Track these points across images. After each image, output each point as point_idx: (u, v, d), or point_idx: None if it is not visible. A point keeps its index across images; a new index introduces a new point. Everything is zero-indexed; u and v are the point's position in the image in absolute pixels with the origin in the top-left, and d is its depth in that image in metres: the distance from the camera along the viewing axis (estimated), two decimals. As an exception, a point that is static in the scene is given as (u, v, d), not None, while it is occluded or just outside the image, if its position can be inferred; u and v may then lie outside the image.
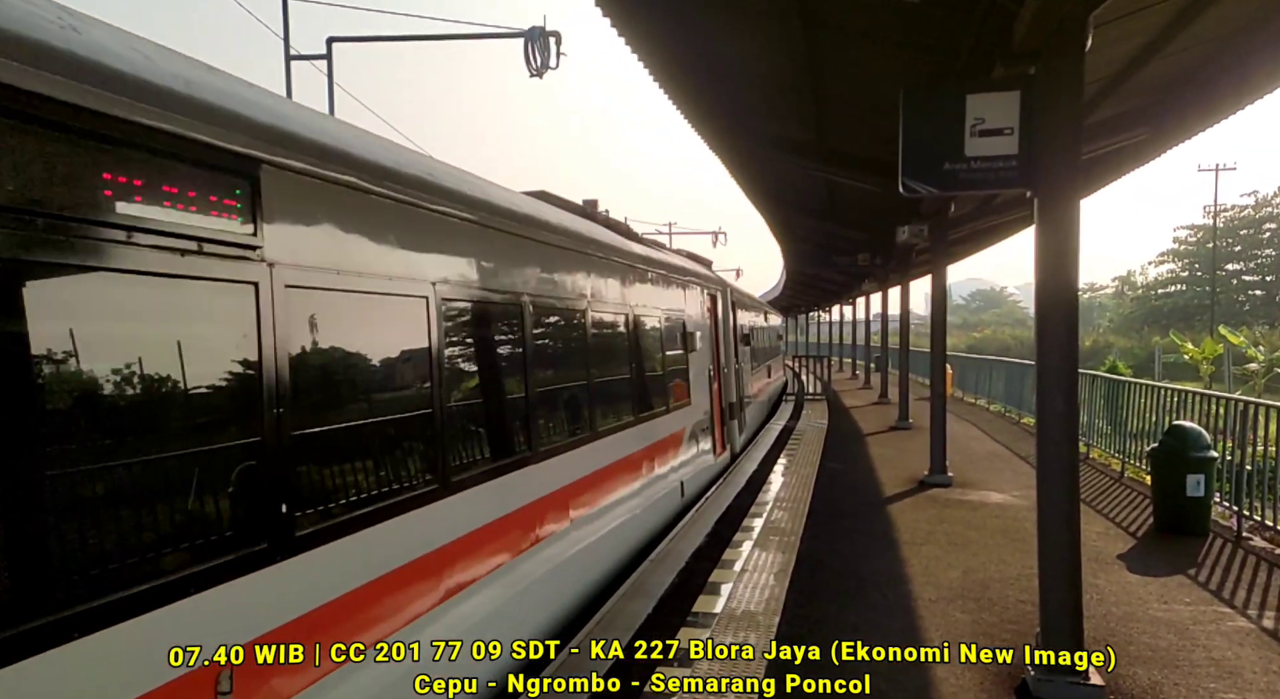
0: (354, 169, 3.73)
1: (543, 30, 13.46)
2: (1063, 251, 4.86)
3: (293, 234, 3.34)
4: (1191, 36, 7.16)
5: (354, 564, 3.60)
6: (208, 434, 2.95)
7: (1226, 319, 48.64)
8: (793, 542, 8.19)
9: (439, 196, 4.53)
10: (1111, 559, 7.64)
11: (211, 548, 2.87)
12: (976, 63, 6.97)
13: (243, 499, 3.04)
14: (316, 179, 3.48)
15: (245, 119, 3.09)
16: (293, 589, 3.23)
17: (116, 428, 2.61)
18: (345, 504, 3.61)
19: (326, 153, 3.58)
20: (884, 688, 4.90)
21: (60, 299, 2.47)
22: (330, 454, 3.58)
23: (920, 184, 5.14)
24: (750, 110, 11.25)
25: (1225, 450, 8.90)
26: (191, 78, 2.96)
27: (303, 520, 3.29)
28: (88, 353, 2.50)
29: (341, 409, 3.72)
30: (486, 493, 4.85)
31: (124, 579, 2.53)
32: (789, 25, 7.41)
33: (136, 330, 2.73)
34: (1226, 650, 5.50)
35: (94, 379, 2.52)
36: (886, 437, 16.72)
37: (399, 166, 4.21)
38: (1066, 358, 4.93)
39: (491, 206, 5.26)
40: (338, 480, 3.63)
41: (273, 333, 3.16)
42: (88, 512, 2.50)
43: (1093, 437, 13.38)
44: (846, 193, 15.09)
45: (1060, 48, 4.72)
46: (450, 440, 4.51)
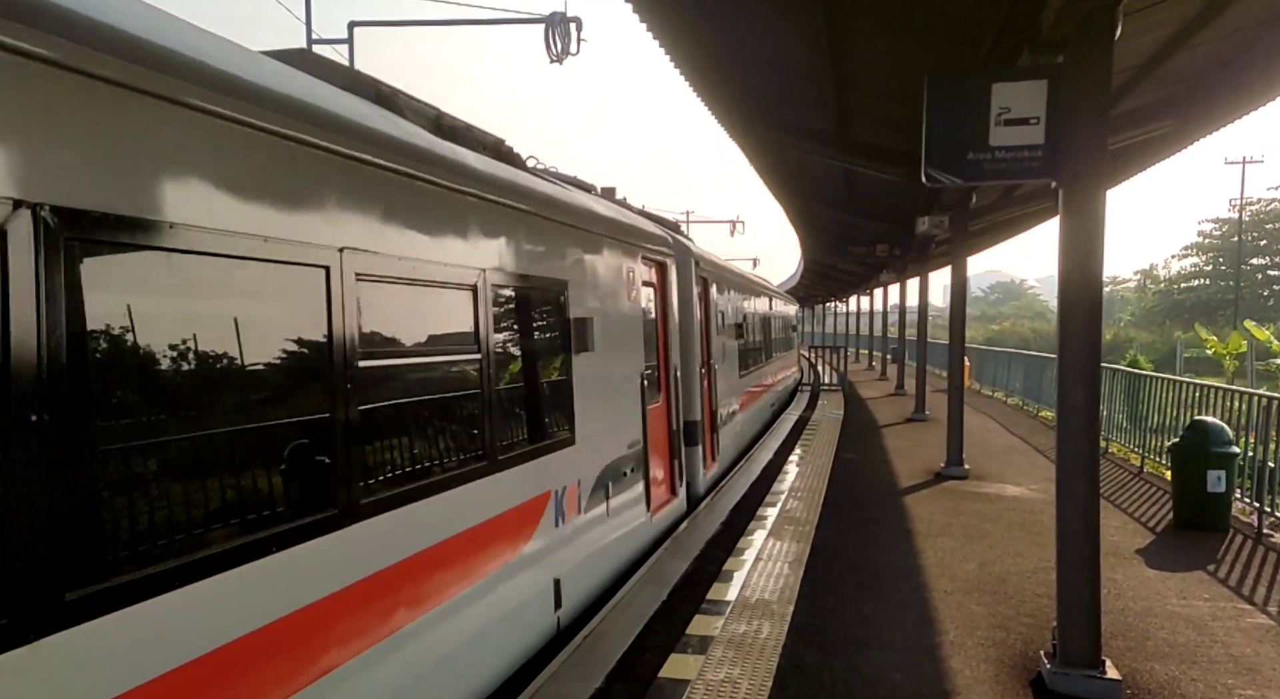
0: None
1: (563, 16, 13.42)
2: (1088, 243, 4.81)
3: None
4: (1221, 27, 7.04)
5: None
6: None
7: (1250, 314, 48.05)
8: (807, 531, 8.19)
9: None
10: (1130, 554, 7.59)
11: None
12: (1002, 51, 6.89)
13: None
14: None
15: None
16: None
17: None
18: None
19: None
20: (898, 679, 4.91)
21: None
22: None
23: (943, 174, 5.09)
24: (771, 98, 11.17)
25: (1247, 446, 8.82)
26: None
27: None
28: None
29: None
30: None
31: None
32: (811, 12, 7.35)
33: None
34: (1246, 647, 5.46)
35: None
36: (902, 428, 16.66)
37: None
38: (1088, 351, 4.89)
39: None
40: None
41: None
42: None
43: (1112, 431, 13.28)
44: (866, 182, 14.98)
45: (1089, 36, 4.66)
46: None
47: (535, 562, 5.27)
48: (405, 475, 3.92)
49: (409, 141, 4.11)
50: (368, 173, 3.69)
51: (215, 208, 2.84)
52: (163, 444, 2.66)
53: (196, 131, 2.77)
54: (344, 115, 3.62)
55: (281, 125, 3.14)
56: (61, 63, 2.30)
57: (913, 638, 5.55)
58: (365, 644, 3.54)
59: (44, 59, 2.25)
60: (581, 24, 13.49)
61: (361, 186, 3.66)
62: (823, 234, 25.57)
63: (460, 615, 4.31)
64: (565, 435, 5.87)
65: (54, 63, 2.28)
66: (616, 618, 5.76)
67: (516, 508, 5.06)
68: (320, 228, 3.37)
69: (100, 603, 2.38)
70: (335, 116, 3.54)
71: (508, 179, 5.21)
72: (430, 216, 4.26)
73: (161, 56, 2.65)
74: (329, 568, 3.36)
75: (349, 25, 14.63)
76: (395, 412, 3.91)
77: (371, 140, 3.74)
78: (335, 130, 3.48)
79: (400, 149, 3.97)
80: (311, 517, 3.25)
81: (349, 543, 3.46)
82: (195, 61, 2.80)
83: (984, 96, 4.94)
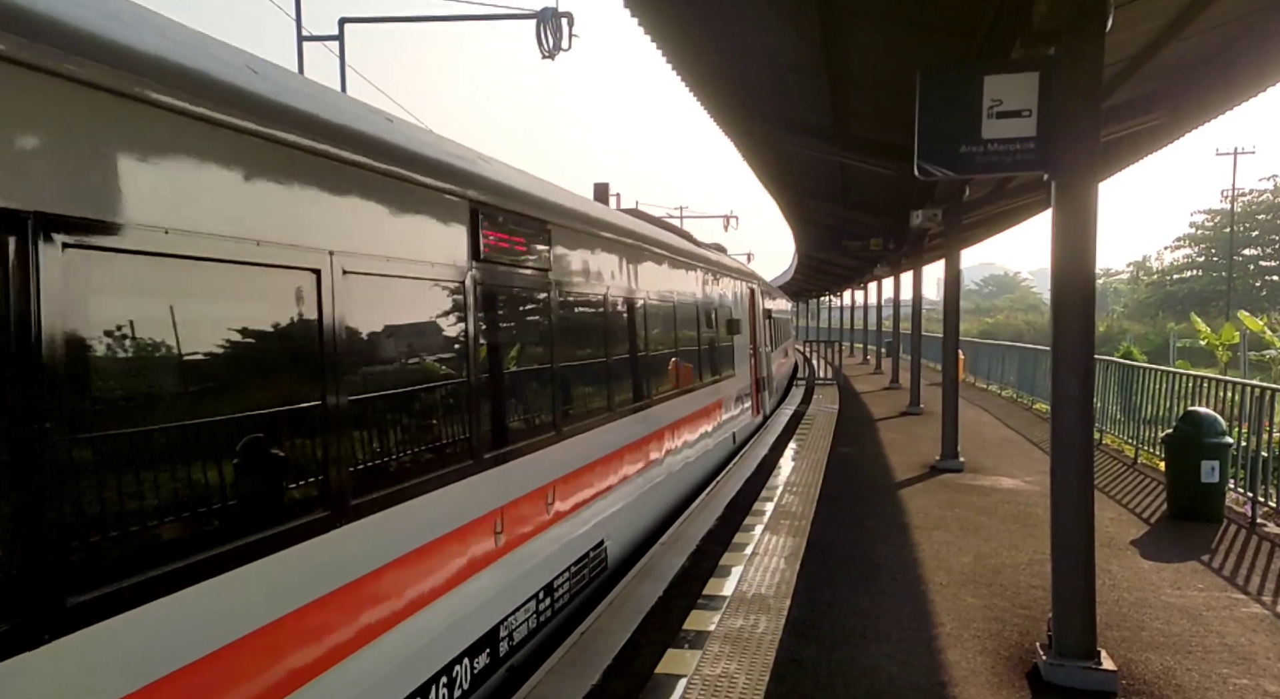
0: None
1: (555, 11, 13.38)
2: (1080, 235, 4.82)
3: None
4: (1212, 18, 7.05)
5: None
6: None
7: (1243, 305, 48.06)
8: (804, 525, 8.20)
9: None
10: (1125, 545, 7.62)
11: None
12: (994, 44, 6.89)
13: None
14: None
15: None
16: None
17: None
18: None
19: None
20: (895, 671, 4.92)
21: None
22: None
23: (936, 167, 5.09)
24: (764, 93, 11.16)
25: (1240, 437, 8.85)
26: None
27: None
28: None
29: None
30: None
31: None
32: (803, 5, 7.34)
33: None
34: (1240, 636, 5.49)
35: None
36: (897, 422, 16.68)
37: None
38: (1082, 343, 4.90)
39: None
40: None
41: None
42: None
43: (1106, 423, 13.31)
44: (860, 176, 14.99)
45: (1080, 28, 4.66)
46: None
47: (725, 419, 12.40)
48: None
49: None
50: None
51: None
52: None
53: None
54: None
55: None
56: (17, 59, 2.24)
57: (909, 631, 5.56)
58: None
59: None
60: (573, 19, 13.46)
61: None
62: (816, 228, 25.58)
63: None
64: (730, 373, 12.99)
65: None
66: (613, 614, 5.76)
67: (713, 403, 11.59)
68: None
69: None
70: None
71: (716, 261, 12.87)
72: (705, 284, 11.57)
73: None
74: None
75: (339, 22, 14.56)
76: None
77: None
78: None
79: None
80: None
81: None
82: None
83: (976, 89, 4.95)
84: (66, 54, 2.34)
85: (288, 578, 3.18)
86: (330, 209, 3.51)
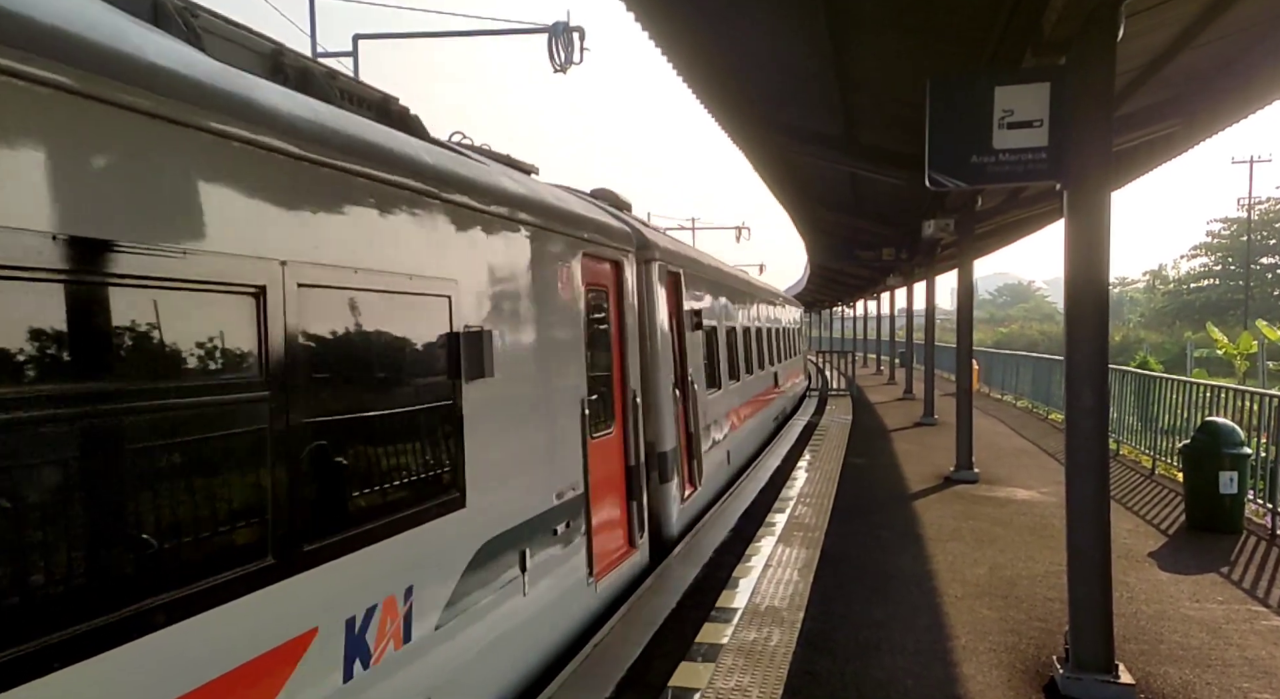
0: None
1: (566, 25, 13.48)
2: (1093, 245, 4.79)
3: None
4: (1225, 26, 7.01)
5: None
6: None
7: (1261, 314, 47.71)
8: (817, 537, 8.16)
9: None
10: (1142, 557, 7.54)
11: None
12: (1005, 53, 6.88)
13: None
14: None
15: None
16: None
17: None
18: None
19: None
20: (910, 684, 4.88)
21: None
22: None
23: (947, 177, 5.08)
24: (774, 103, 11.18)
25: (1260, 447, 8.75)
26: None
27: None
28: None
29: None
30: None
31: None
32: (812, 14, 7.35)
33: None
34: (1261, 650, 5.41)
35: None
36: (911, 432, 16.60)
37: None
38: (1097, 353, 4.87)
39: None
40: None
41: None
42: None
43: (1122, 433, 13.20)
44: (871, 186, 14.96)
45: (1091, 37, 4.65)
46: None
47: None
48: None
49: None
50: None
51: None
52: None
53: None
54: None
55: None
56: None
57: (924, 643, 5.52)
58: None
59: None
60: (584, 34, 13.55)
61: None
62: (828, 238, 25.54)
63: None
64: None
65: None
66: (626, 626, 5.75)
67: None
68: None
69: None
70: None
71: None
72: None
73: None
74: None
75: (353, 38, 14.72)
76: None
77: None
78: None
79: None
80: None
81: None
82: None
83: (987, 99, 4.94)
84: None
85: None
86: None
